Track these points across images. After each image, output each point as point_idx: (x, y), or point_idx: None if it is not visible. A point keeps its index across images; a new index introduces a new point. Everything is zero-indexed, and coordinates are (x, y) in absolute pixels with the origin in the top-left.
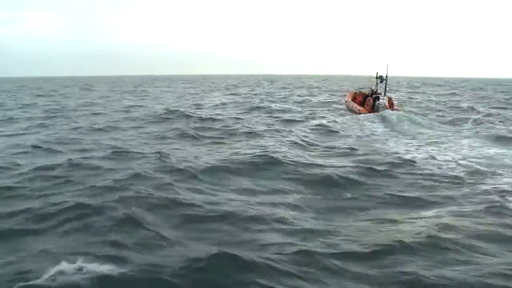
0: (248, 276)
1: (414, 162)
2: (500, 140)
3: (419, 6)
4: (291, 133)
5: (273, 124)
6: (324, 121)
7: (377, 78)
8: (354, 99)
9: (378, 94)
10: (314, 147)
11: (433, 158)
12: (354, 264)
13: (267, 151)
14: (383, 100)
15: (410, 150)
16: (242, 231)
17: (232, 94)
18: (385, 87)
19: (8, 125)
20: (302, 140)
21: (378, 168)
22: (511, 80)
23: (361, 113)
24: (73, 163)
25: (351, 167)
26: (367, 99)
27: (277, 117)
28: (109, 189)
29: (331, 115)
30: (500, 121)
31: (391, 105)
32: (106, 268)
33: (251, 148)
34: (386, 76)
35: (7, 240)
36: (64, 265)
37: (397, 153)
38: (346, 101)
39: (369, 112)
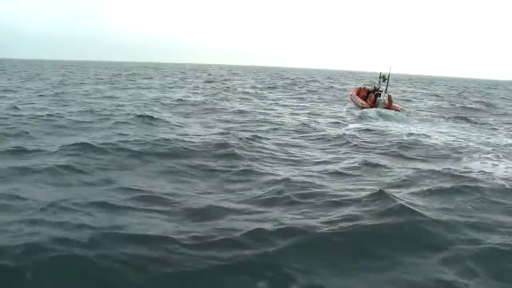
0: None
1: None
2: None
3: (422, 5)
4: None
5: None
6: None
7: (380, 77)
8: (358, 94)
9: (380, 91)
10: None
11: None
12: None
13: None
14: (383, 97)
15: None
16: None
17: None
18: (387, 86)
19: None
20: None
21: None
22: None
23: (363, 107)
24: None
25: None
26: (370, 95)
27: None
28: None
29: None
30: None
31: (390, 102)
32: None
33: None
34: (389, 75)
35: None
36: None
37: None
38: (351, 95)
39: (370, 107)
